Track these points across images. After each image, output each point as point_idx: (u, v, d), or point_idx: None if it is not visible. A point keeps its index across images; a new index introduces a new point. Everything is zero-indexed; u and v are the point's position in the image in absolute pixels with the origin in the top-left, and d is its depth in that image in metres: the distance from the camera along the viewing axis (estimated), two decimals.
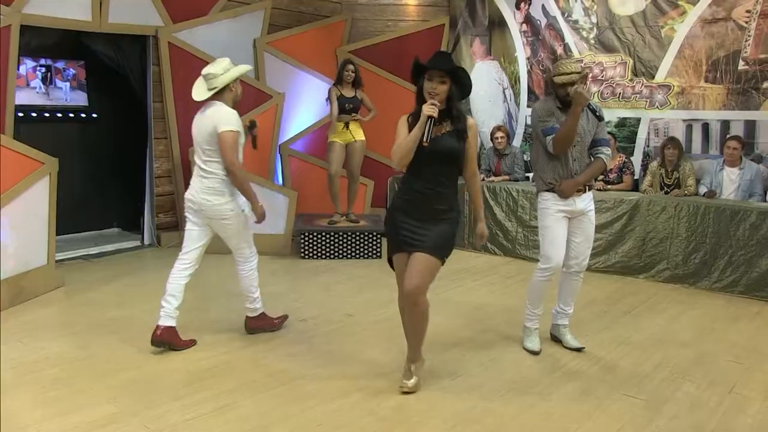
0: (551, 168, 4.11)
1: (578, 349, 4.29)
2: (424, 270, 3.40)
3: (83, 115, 7.21)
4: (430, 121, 3.30)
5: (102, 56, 6.70)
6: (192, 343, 4.27)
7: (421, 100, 3.41)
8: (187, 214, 4.25)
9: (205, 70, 4.10)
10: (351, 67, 6.83)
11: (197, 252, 4.27)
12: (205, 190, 4.12)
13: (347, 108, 6.76)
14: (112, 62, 6.76)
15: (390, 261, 3.64)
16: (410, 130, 3.38)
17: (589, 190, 4.20)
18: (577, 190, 4.08)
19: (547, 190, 4.13)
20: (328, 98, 6.79)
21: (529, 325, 4.33)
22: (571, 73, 3.96)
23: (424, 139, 3.29)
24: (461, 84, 3.43)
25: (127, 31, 6.63)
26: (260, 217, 4.27)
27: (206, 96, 4.09)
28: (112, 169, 7.49)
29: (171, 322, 4.14)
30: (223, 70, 4.08)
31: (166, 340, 4.11)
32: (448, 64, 3.41)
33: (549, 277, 4.19)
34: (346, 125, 6.80)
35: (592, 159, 4.15)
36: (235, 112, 4.12)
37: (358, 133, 6.86)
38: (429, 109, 3.29)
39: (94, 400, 3.46)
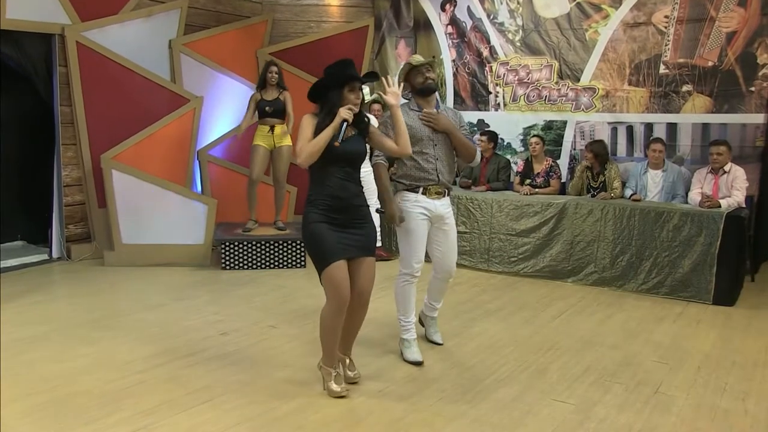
0: (413, 167, 4.03)
1: (436, 344, 4.40)
2: (373, 271, 3.64)
3: None
4: (345, 124, 3.44)
5: (1, 55, 6.25)
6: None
7: (330, 105, 3.49)
8: None
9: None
10: (274, 68, 6.64)
11: None
12: None
13: (266, 111, 6.55)
14: (13, 62, 6.28)
15: (319, 271, 3.52)
16: (317, 131, 3.46)
17: (448, 194, 4.16)
18: (437, 192, 4.05)
19: (407, 190, 4.06)
20: (248, 104, 6.66)
21: (406, 337, 4.17)
22: (426, 60, 4.20)
23: (338, 140, 3.40)
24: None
25: (30, 28, 6.18)
26: None
27: None
28: (15, 177, 6.98)
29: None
30: (368, 92, 6.37)
31: None
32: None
33: (411, 281, 4.13)
34: (271, 129, 6.58)
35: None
36: None
37: (284, 139, 6.63)
38: (347, 113, 3.43)
39: None
